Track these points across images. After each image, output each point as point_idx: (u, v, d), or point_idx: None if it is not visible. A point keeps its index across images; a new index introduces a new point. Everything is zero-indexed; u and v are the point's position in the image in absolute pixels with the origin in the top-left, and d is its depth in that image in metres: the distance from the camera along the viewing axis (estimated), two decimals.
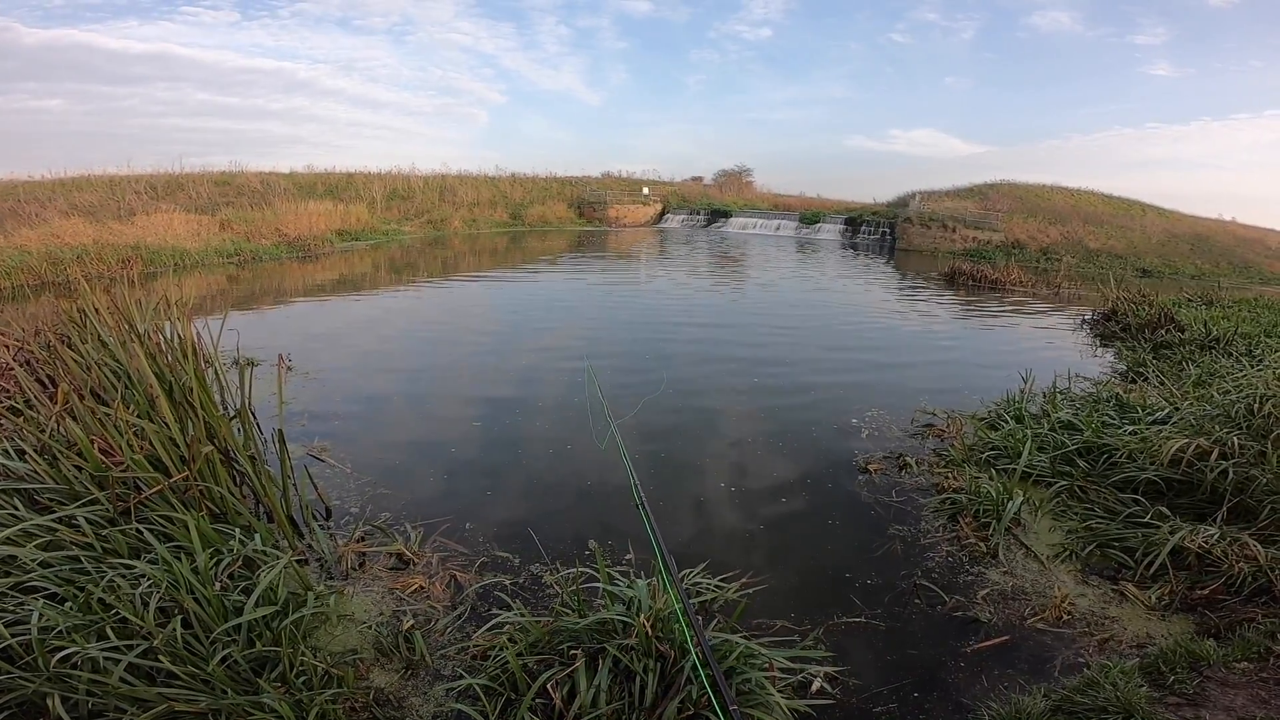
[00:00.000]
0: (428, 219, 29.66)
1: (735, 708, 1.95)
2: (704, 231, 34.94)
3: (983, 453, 5.58)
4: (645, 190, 39.23)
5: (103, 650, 2.60)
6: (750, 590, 3.71)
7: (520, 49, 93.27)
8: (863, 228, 31.78)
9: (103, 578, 3.02)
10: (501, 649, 2.97)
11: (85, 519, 3.40)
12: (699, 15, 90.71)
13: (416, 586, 3.74)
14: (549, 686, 2.68)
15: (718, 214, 36.86)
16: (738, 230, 35.01)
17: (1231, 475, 4.31)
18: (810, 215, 34.44)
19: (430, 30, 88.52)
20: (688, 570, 3.82)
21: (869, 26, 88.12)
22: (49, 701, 2.46)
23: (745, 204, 39.54)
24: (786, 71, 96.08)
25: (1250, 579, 3.56)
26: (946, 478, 5.20)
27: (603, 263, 21.14)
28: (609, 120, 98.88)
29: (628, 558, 4.13)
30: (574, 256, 22.68)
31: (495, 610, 3.49)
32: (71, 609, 2.83)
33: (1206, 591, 3.63)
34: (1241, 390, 5.14)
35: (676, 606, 2.76)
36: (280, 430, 4.33)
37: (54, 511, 3.46)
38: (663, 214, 38.49)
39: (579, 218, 36.15)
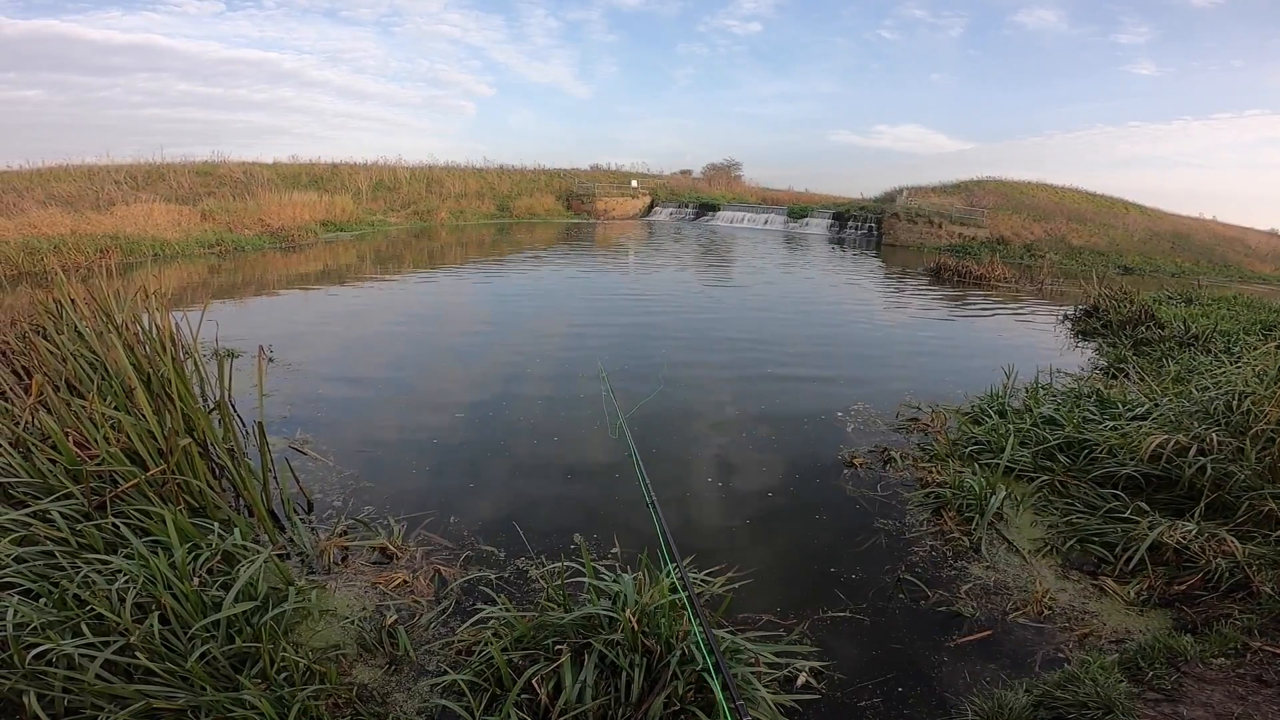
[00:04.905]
0: (414, 210, 29.46)
1: (741, 702, 1.93)
2: (692, 225, 34.86)
3: (966, 447, 5.62)
4: (634, 183, 39.09)
5: (78, 647, 2.55)
6: (736, 584, 3.71)
7: (509, 41, 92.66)
8: (850, 222, 31.87)
9: (78, 573, 2.96)
10: (486, 644, 2.96)
11: (60, 513, 3.34)
12: (689, 9, 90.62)
13: (400, 581, 3.71)
14: (534, 682, 2.67)
15: (706, 207, 36.77)
16: (726, 224, 34.95)
17: (1210, 471, 4.35)
18: (798, 209, 34.47)
19: (419, 21, 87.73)
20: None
21: (857, 23, 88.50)
22: (25, 699, 2.41)
23: (733, 198, 39.48)
24: (775, 66, 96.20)
25: (1227, 574, 3.59)
26: (930, 472, 5.24)
27: (591, 256, 21.05)
28: (598, 113, 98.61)
29: (613, 551, 4.12)
30: (562, 249, 22.56)
31: (480, 605, 3.46)
32: (46, 605, 2.78)
33: (1184, 586, 3.67)
34: (1220, 387, 5.20)
35: (693, 621, 2.75)
36: (260, 423, 4.27)
37: (28, 506, 3.39)
38: (651, 207, 38.39)
39: (567, 210, 36.00)
